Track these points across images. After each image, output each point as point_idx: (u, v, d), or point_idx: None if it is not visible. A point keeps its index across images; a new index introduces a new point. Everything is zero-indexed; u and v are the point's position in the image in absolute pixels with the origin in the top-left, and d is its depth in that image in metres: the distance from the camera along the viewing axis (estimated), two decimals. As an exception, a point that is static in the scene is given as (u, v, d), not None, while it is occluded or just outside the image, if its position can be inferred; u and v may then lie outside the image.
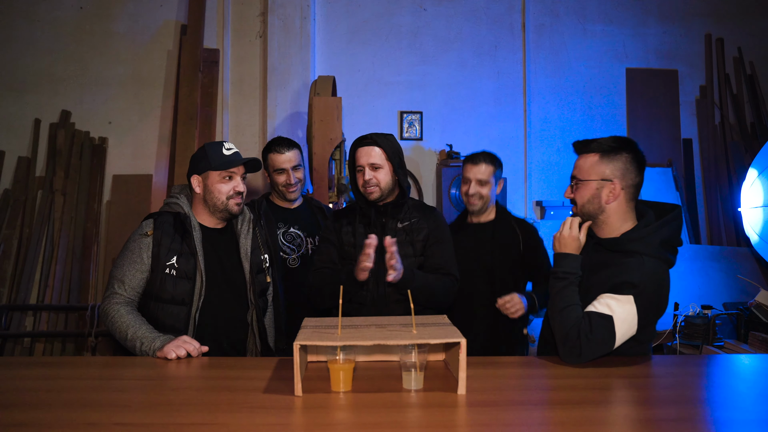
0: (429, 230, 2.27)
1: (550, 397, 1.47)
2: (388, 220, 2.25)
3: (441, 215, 2.38)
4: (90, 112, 4.36)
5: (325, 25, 4.50)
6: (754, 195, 3.93)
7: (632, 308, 1.68)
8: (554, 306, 1.77)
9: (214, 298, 2.06)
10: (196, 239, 2.05)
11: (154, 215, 2.11)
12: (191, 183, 2.11)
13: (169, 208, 2.12)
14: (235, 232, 2.18)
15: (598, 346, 1.68)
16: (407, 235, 2.24)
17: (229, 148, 2.09)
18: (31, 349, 4.02)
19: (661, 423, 1.31)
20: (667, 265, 1.79)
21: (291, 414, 1.37)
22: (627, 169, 1.78)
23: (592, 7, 4.70)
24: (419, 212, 2.30)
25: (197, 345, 1.87)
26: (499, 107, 4.60)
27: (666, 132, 4.73)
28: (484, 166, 2.56)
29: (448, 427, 1.30)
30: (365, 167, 2.21)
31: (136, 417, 1.34)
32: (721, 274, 4.09)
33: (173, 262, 2.01)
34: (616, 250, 1.78)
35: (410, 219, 2.27)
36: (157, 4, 4.41)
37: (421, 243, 2.25)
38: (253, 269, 2.15)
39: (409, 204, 2.31)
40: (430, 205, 2.41)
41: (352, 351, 1.54)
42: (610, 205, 1.78)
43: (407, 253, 2.22)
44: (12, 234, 4.10)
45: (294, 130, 4.29)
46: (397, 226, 2.25)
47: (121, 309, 1.97)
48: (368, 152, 2.22)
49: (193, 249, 2.03)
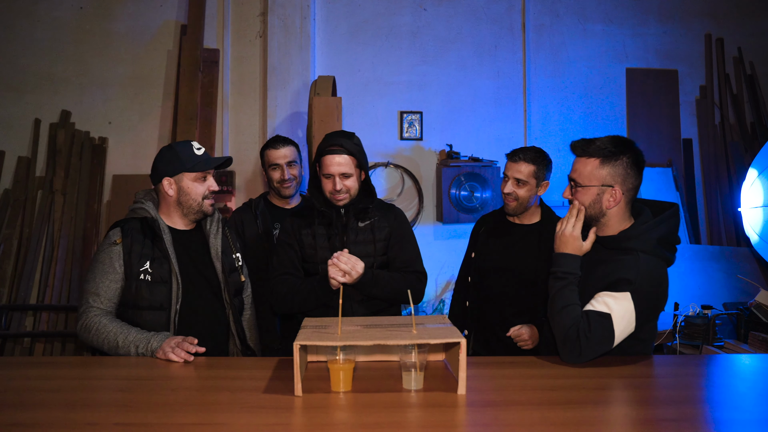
0: (390, 229, 2.26)
1: (550, 397, 1.47)
2: (350, 220, 2.23)
3: (401, 213, 2.36)
4: (90, 112, 4.36)
5: (325, 25, 4.50)
6: (754, 195, 3.93)
7: (629, 305, 1.68)
8: (553, 306, 1.77)
9: (193, 300, 2.04)
10: (167, 242, 2.01)
11: (120, 223, 2.06)
12: (161, 186, 2.06)
13: (135, 213, 2.06)
14: (204, 232, 2.15)
15: (597, 345, 1.68)
16: (369, 233, 2.23)
17: (198, 148, 2.07)
18: (31, 349, 4.02)
19: (661, 423, 1.31)
20: (665, 263, 1.79)
21: (291, 414, 1.37)
22: (627, 174, 1.78)
23: (592, 7, 4.70)
24: (380, 211, 2.29)
25: (194, 342, 1.86)
26: (499, 107, 4.60)
27: (666, 132, 4.73)
28: (524, 165, 2.39)
29: (448, 427, 1.30)
30: (335, 176, 2.16)
31: (136, 417, 1.34)
32: (721, 274, 4.09)
33: (146, 267, 1.97)
34: (613, 247, 1.79)
35: (371, 218, 2.25)
36: (157, 4, 4.41)
37: (382, 242, 2.24)
38: (226, 269, 2.13)
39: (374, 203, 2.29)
40: (390, 203, 2.39)
41: (352, 351, 1.55)
42: (611, 209, 1.79)
43: (368, 252, 2.21)
44: (12, 234, 4.10)
45: (294, 130, 4.29)
46: (358, 226, 2.24)
47: (103, 320, 1.92)
48: (338, 161, 2.16)
49: (165, 252, 1.99)
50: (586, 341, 1.67)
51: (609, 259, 1.77)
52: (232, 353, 2.14)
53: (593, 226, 1.84)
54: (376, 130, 4.48)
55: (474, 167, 4.24)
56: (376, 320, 1.80)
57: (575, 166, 1.84)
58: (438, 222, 4.45)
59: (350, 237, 2.21)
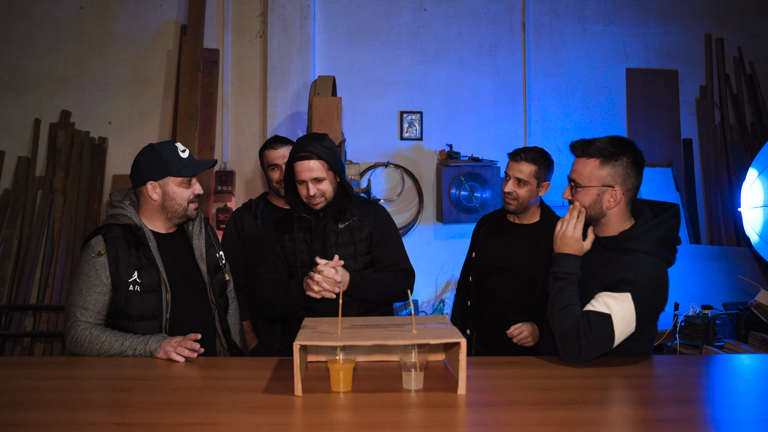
0: (372, 228, 2.25)
1: (550, 397, 1.47)
2: (328, 222, 2.23)
3: (382, 210, 2.33)
4: (90, 112, 4.36)
5: (325, 25, 4.50)
6: (754, 195, 3.93)
7: (630, 305, 1.68)
8: (553, 306, 1.77)
9: (181, 305, 2.00)
10: (153, 249, 1.96)
11: (100, 230, 1.97)
12: (144, 190, 1.99)
13: (115, 220, 1.99)
14: (187, 234, 2.11)
15: (597, 345, 1.68)
16: (348, 235, 2.22)
17: (183, 150, 2.02)
18: (31, 349, 4.03)
19: (661, 423, 1.31)
20: (666, 263, 1.79)
21: (291, 414, 1.37)
22: (627, 174, 1.78)
23: (592, 7, 4.70)
24: (359, 210, 2.27)
25: (197, 338, 1.85)
26: (499, 107, 4.60)
27: (666, 132, 4.73)
28: (525, 165, 2.39)
29: (448, 427, 1.30)
30: (307, 182, 2.15)
31: (136, 417, 1.34)
32: (721, 274, 4.09)
33: (135, 277, 1.92)
34: (613, 248, 1.79)
35: (350, 219, 2.24)
36: (157, 4, 4.41)
37: (364, 242, 2.23)
38: (211, 269, 2.10)
39: (352, 203, 2.27)
40: (372, 200, 2.37)
41: (352, 351, 1.55)
42: (611, 210, 1.79)
43: (349, 253, 2.20)
44: (12, 234, 4.10)
45: (294, 130, 4.29)
46: (338, 227, 2.23)
47: (94, 331, 1.87)
48: (308, 166, 2.14)
49: (152, 260, 1.94)
50: (586, 341, 1.67)
51: (609, 259, 1.77)
52: (219, 353, 2.11)
53: (592, 226, 1.84)
54: (376, 130, 4.48)
55: (474, 167, 4.24)
56: (376, 320, 1.80)
57: (575, 167, 1.84)
58: (438, 222, 4.45)
59: (330, 239, 2.21)
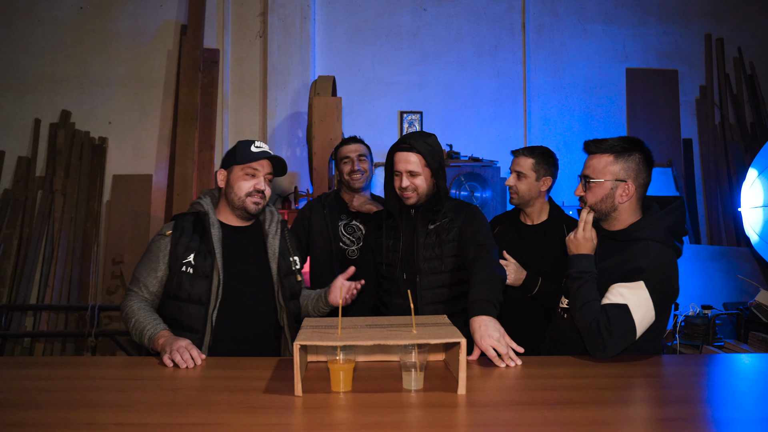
0: (461, 228, 2.17)
1: (550, 397, 1.47)
2: (419, 221, 2.21)
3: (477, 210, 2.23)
4: (90, 112, 4.36)
5: (325, 25, 4.50)
6: (754, 195, 3.93)
7: (645, 293, 1.70)
8: (574, 305, 1.80)
9: (234, 297, 2.01)
10: (215, 237, 2.01)
11: (178, 216, 2.11)
12: (217, 177, 2.10)
13: (192, 208, 2.10)
14: (263, 232, 2.13)
15: (620, 337, 1.69)
16: (436, 236, 2.18)
17: (258, 146, 2.05)
18: (31, 349, 4.03)
19: (662, 422, 1.31)
20: (675, 252, 1.81)
21: (291, 414, 1.37)
22: (639, 169, 1.82)
23: (592, 7, 4.70)
24: (452, 212, 2.21)
25: (195, 355, 1.79)
26: (499, 107, 4.60)
27: (666, 132, 4.73)
28: (524, 158, 2.42)
29: (448, 427, 1.30)
30: (402, 173, 2.16)
31: (136, 417, 1.34)
32: (721, 274, 4.09)
33: (190, 259, 1.97)
34: (624, 239, 1.81)
35: (440, 220, 2.20)
36: (157, 4, 4.41)
37: (451, 243, 2.17)
38: (281, 271, 2.09)
39: (446, 205, 2.22)
40: (468, 203, 2.30)
41: (352, 351, 1.54)
42: (623, 204, 1.81)
43: (435, 254, 2.17)
44: (12, 234, 4.10)
45: (294, 130, 4.29)
46: (428, 228, 2.20)
47: (134, 305, 1.97)
48: (406, 158, 2.15)
49: (211, 247, 1.99)
50: (608, 335, 1.69)
51: (620, 251, 1.80)
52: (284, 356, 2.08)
53: (602, 222, 1.87)
54: (376, 130, 4.48)
55: (474, 167, 4.23)
56: (377, 320, 1.80)
57: (588, 163, 1.87)
58: (438, 222, 4.45)
59: (419, 240, 2.19)
